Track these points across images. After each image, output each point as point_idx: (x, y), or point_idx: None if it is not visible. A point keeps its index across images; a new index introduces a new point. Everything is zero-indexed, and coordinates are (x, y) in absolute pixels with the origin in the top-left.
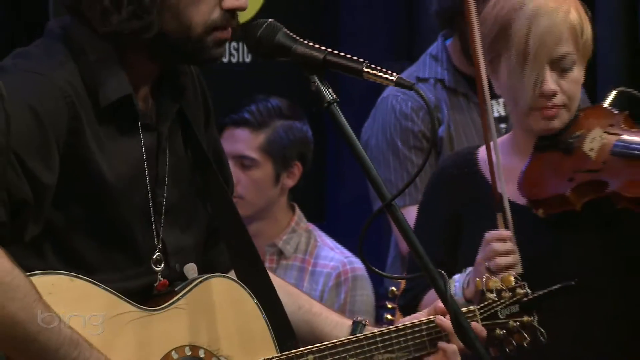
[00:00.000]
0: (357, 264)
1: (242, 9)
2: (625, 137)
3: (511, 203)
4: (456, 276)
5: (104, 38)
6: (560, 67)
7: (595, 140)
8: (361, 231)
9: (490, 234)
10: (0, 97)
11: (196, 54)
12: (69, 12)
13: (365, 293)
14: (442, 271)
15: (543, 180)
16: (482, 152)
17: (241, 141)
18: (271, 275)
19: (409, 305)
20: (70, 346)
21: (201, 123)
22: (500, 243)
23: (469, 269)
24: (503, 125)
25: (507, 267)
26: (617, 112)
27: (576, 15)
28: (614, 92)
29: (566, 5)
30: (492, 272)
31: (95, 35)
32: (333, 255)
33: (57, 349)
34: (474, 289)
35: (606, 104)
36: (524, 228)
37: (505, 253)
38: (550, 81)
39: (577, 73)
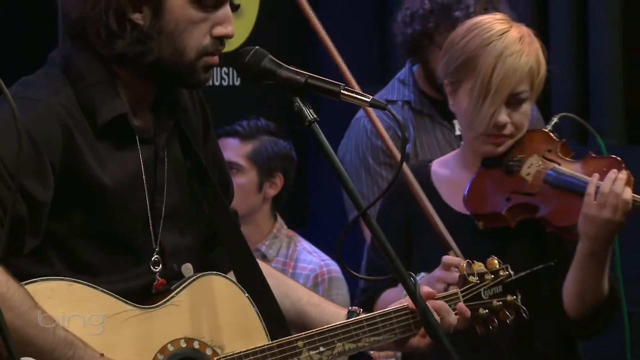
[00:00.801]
0: (333, 266)
1: (230, 36)
2: (559, 167)
3: (457, 213)
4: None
5: (102, 63)
6: (514, 102)
7: (532, 166)
8: (339, 237)
9: (448, 259)
10: None
11: (187, 77)
12: (72, 39)
13: (341, 293)
14: (411, 273)
15: (484, 196)
16: (434, 165)
17: (230, 149)
18: (273, 271)
19: (366, 304)
20: (65, 347)
21: (200, 135)
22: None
23: (422, 274)
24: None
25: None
26: (557, 139)
27: (537, 58)
28: (557, 117)
29: (529, 49)
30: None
31: (94, 60)
32: (311, 258)
33: (52, 350)
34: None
35: (549, 127)
36: (467, 235)
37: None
38: (504, 114)
39: (528, 107)
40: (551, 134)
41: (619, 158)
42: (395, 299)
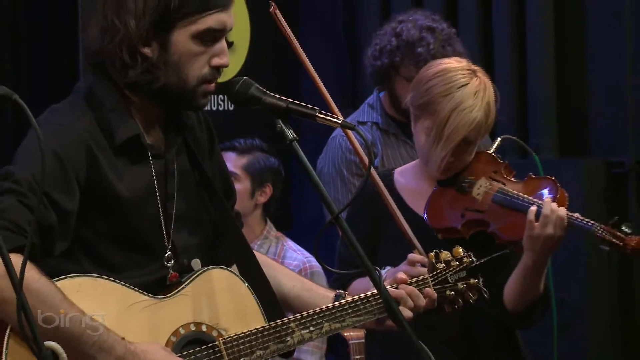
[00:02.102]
0: (315, 262)
1: (226, 66)
2: (504, 187)
3: (420, 216)
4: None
5: (118, 91)
6: (464, 144)
7: (482, 187)
8: (315, 239)
9: (414, 257)
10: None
11: (188, 101)
12: (93, 69)
13: (321, 284)
14: (377, 267)
15: (441, 212)
16: (396, 174)
17: (228, 160)
18: (272, 262)
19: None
20: (91, 331)
21: (205, 149)
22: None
23: (388, 267)
24: None
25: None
26: (500, 161)
27: (486, 110)
28: (500, 139)
29: (481, 103)
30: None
31: (111, 88)
32: (296, 256)
33: (80, 335)
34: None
35: (493, 148)
36: (428, 239)
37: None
38: (452, 154)
39: (474, 147)
40: (495, 156)
41: (554, 178)
42: (362, 288)
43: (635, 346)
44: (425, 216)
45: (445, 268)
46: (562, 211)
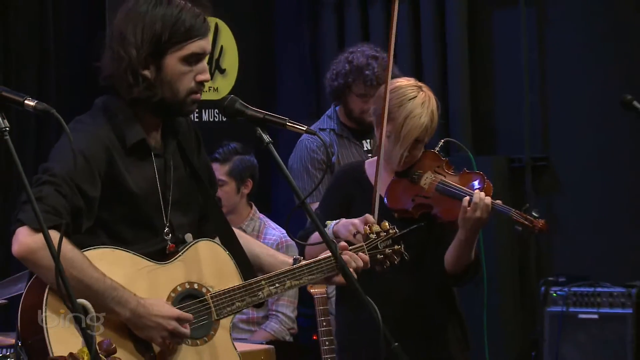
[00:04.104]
0: (289, 238)
1: (207, 81)
2: (445, 179)
3: (381, 199)
4: (331, 222)
5: (127, 105)
6: (415, 143)
7: (428, 179)
8: (287, 217)
9: (369, 218)
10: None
11: (180, 109)
12: (105, 88)
13: (294, 256)
14: (334, 240)
15: (397, 197)
16: (366, 164)
17: (215, 171)
18: (244, 235)
19: (302, 238)
20: (111, 290)
21: (194, 149)
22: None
23: (341, 220)
24: (370, 155)
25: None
26: (443, 157)
27: (432, 116)
28: (442, 142)
29: (427, 111)
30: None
31: (122, 103)
32: (274, 232)
33: (103, 292)
34: (343, 231)
35: (437, 148)
36: (387, 217)
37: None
38: (407, 153)
39: (423, 145)
40: (439, 154)
41: (482, 173)
42: (315, 252)
43: (529, 295)
44: (385, 200)
45: (376, 237)
46: (488, 200)
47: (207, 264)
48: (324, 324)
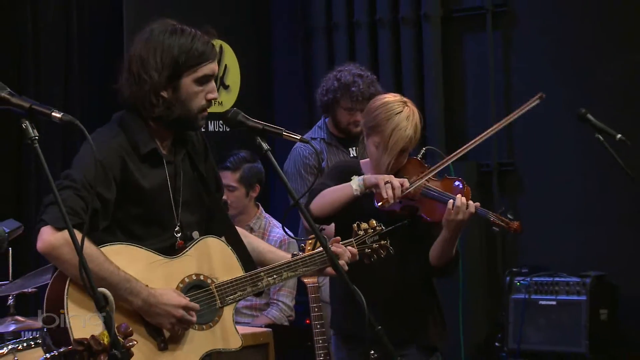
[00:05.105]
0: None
1: (216, 99)
2: (428, 184)
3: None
4: (357, 177)
5: (142, 119)
6: (401, 151)
7: (413, 184)
8: (283, 216)
9: (390, 177)
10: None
11: (191, 125)
12: (125, 106)
13: (294, 252)
14: (325, 236)
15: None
16: (362, 163)
17: (226, 177)
18: (247, 233)
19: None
20: (125, 281)
21: (202, 156)
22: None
23: (367, 175)
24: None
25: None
26: (425, 165)
27: (415, 129)
28: (424, 149)
29: (412, 124)
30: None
31: (137, 118)
32: (278, 231)
33: (117, 283)
34: (371, 181)
35: (420, 156)
36: (382, 213)
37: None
38: (394, 162)
39: (408, 153)
40: (421, 161)
41: (461, 178)
42: None
43: (496, 284)
44: (376, 202)
45: (364, 234)
46: (471, 204)
47: (213, 258)
48: (316, 309)
